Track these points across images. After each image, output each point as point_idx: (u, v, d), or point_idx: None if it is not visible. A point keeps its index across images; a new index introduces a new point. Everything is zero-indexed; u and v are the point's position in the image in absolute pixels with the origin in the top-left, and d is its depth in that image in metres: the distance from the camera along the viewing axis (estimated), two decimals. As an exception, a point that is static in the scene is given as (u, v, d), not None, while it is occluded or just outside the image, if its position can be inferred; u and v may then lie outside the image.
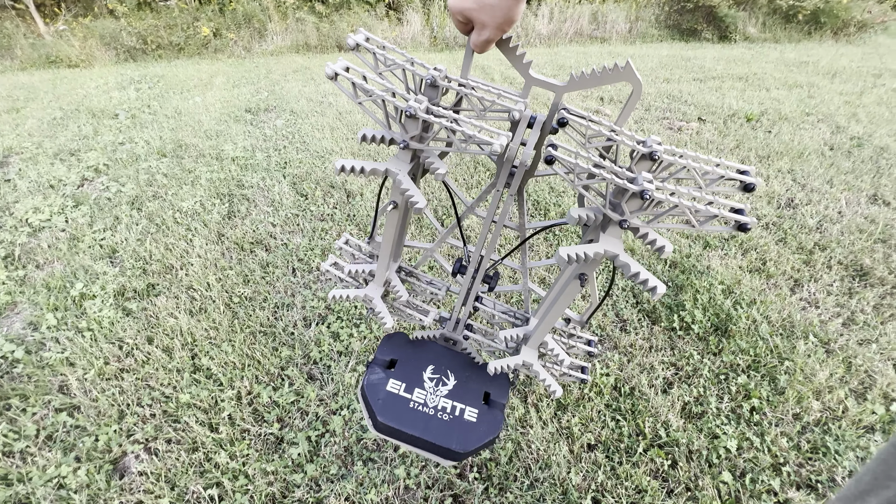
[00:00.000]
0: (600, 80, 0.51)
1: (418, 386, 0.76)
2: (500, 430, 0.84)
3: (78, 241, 1.98)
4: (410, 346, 0.83)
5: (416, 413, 0.72)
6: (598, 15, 7.17)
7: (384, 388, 0.74)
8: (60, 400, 1.29)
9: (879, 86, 4.27)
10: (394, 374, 0.77)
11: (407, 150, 0.59)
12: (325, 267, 0.81)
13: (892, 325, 1.54)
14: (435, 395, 0.75)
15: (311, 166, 2.62)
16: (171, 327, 1.51)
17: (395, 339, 0.84)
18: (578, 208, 0.55)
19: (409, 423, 0.71)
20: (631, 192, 0.49)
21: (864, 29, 7.09)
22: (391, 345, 0.82)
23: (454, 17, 0.51)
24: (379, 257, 0.74)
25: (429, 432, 0.70)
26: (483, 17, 0.48)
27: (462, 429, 0.71)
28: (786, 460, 1.15)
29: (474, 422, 0.73)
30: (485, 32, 0.50)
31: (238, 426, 1.22)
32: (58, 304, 1.62)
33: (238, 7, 6.48)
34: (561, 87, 0.54)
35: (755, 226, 0.48)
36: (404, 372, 0.77)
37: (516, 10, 0.48)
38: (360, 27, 0.50)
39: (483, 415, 0.74)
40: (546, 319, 0.70)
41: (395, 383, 0.75)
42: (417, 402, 0.74)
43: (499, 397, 0.78)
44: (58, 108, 3.68)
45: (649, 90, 4.06)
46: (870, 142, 2.94)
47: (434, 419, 0.72)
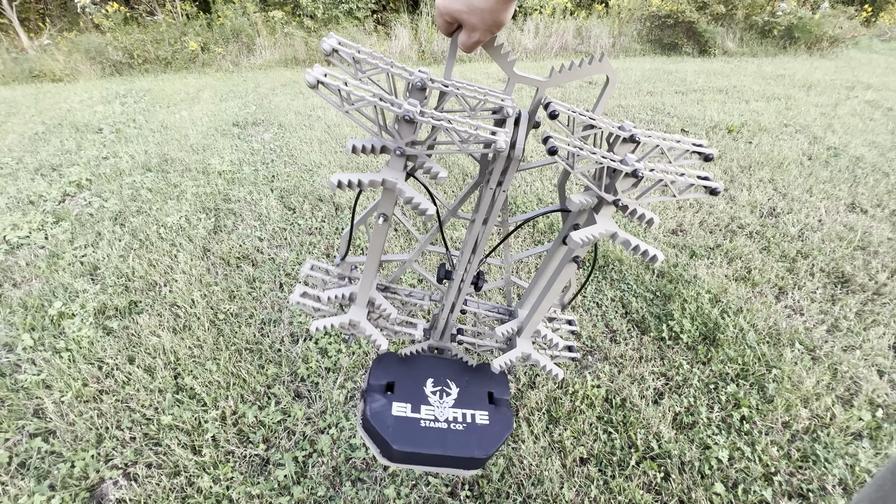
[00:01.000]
0: (579, 73, 0.54)
1: (423, 402, 0.72)
2: (513, 426, 0.84)
3: (58, 258, 1.93)
4: (403, 364, 0.79)
5: (429, 431, 0.69)
6: (583, 30, 7.35)
7: (390, 414, 0.69)
8: (35, 424, 1.24)
9: (852, 98, 4.43)
10: (395, 397, 0.72)
11: (400, 158, 0.56)
12: (294, 299, 0.72)
13: (874, 331, 1.57)
14: (442, 407, 0.72)
15: (300, 180, 2.61)
16: (154, 346, 1.47)
17: (385, 361, 0.79)
18: (579, 194, 0.58)
19: (427, 443, 0.67)
20: (624, 173, 0.54)
21: (836, 44, 7.38)
22: (382, 367, 0.77)
23: (441, 17, 0.51)
24: (363, 275, 0.70)
25: (448, 447, 0.67)
26: (473, 20, 0.49)
27: (479, 434, 0.70)
28: (777, 469, 1.15)
29: (488, 424, 0.72)
30: (475, 35, 0.51)
31: (222, 448, 1.18)
32: (35, 323, 1.57)
33: (226, 22, 6.50)
34: (543, 81, 0.56)
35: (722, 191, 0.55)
36: (405, 391, 0.73)
37: (505, 13, 0.49)
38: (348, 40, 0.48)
39: (493, 415, 0.74)
40: (541, 307, 0.71)
41: (400, 406, 0.71)
42: (428, 420, 0.70)
43: (502, 394, 0.78)
44: (40, 122, 3.62)
45: (633, 103, 4.15)
46: (846, 152, 3.03)
47: (449, 432, 0.69)
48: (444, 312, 0.78)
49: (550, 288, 0.69)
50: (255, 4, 6.88)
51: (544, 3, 7.69)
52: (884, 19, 10.13)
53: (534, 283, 0.78)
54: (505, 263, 0.80)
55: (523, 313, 0.80)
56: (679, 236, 2.10)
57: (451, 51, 0.54)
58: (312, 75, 0.45)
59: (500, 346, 0.82)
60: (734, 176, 2.68)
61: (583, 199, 0.57)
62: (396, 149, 0.54)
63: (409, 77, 0.52)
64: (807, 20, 7.20)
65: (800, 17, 7.21)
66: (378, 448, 0.69)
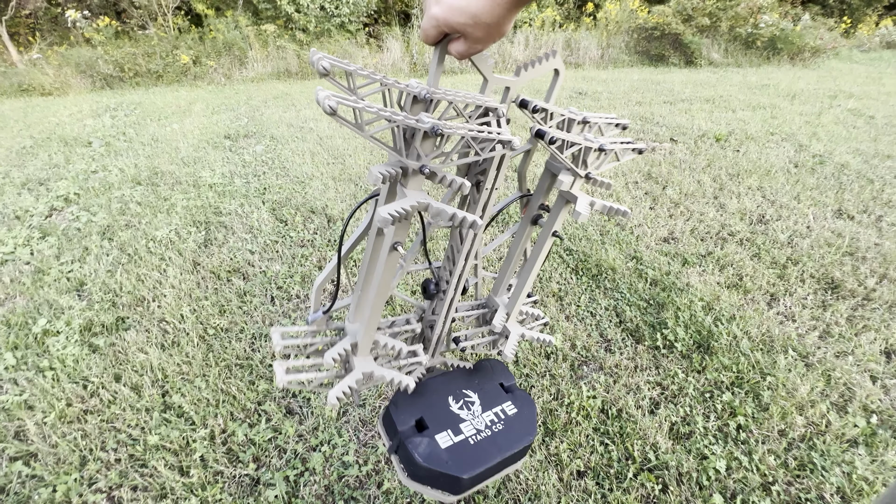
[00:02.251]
0: (540, 69, 0.60)
1: (458, 422, 0.71)
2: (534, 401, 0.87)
3: (43, 274, 1.89)
4: (416, 398, 0.75)
5: (481, 444, 0.69)
6: (572, 42, 7.48)
7: (441, 448, 0.67)
8: (16, 447, 1.20)
9: (835, 106, 4.53)
10: (432, 430, 0.69)
11: (419, 175, 0.53)
12: (282, 381, 0.62)
13: (865, 336, 1.58)
14: (476, 416, 0.73)
15: (291, 192, 2.60)
16: (141, 363, 1.44)
17: (398, 402, 0.73)
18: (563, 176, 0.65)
19: (487, 456, 0.67)
20: (593, 150, 0.63)
21: (818, 54, 7.58)
22: (400, 410, 0.72)
23: (437, 28, 0.49)
24: (368, 318, 0.62)
25: (504, 448, 0.69)
26: (478, 32, 0.49)
27: (517, 423, 0.73)
28: (774, 479, 1.15)
29: (517, 410, 0.75)
30: (477, 46, 0.51)
31: (211, 468, 1.15)
32: (18, 342, 1.53)
33: (218, 35, 6.53)
34: (515, 80, 0.60)
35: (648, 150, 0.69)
36: (437, 421, 0.71)
37: (508, 25, 0.49)
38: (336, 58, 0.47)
39: (515, 401, 0.77)
40: (525, 287, 0.75)
41: (443, 436, 0.69)
42: (472, 434, 0.70)
43: (508, 380, 0.80)
44: (28, 136, 3.59)
45: (623, 113, 4.21)
46: (831, 159, 3.09)
47: (496, 435, 0.71)
48: (437, 328, 0.77)
49: (534, 267, 0.73)
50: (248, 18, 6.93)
51: (534, 16, 7.83)
52: (862, 30, 10.45)
53: (506, 269, 0.80)
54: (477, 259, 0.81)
55: (503, 300, 0.82)
56: (671, 244, 2.11)
57: (438, 59, 0.53)
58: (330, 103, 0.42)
59: (494, 338, 0.83)
60: (723, 184, 2.71)
61: (566, 178, 0.64)
62: (421, 167, 0.52)
63: (414, 90, 0.50)
64: (788, 32, 7.40)
65: (782, 29, 7.40)
66: (442, 489, 0.66)
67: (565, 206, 0.69)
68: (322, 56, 0.44)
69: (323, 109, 0.42)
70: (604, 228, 2.23)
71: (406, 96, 0.51)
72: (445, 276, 0.73)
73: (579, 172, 0.64)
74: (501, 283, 0.81)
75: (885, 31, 10.27)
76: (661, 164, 2.98)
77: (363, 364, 0.66)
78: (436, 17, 0.48)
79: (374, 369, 0.66)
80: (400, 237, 0.56)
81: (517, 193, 0.79)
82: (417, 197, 0.52)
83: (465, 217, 0.53)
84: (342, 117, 0.45)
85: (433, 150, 0.52)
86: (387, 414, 0.73)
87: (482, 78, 0.57)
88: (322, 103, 0.42)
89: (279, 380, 0.62)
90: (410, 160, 0.52)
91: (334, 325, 0.71)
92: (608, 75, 6.33)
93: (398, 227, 0.55)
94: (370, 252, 0.64)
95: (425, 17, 0.49)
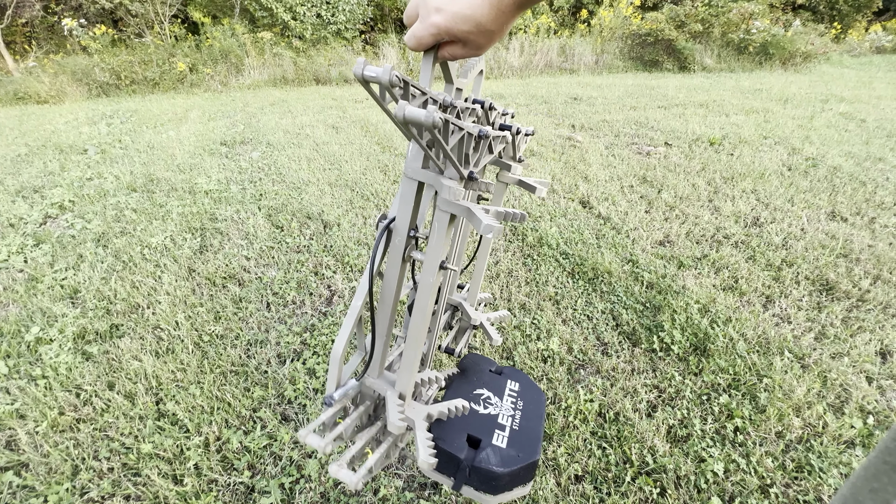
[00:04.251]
0: (475, 70, 0.64)
1: (496, 418, 0.75)
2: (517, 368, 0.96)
3: (37, 281, 1.88)
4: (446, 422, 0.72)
5: (523, 425, 0.74)
6: (566, 48, 7.55)
7: (505, 449, 0.69)
8: (7, 457, 1.18)
9: (827, 110, 4.58)
10: (487, 439, 0.69)
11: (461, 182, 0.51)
12: (361, 484, 0.53)
13: (861, 337, 1.58)
14: (501, 406, 0.77)
15: (288, 198, 2.60)
16: (135, 371, 1.43)
17: (442, 436, 0.68)
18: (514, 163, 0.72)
19: (535, 431, 0.73)
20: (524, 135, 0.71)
21: (809, 59, 7.68)
22: (448, 441, 0.67)
23: (436, 36, 0.49)
24: (411, 360, 0.57)
25: (537, 417, 0.76)
26: (481, 39, 0.49)
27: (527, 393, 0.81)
28: (773, 481, 1.14)
29: (519, 383, 0.82)
30: (476, 52, 0.51)
31: (205, 476, 1.14)
32: (10, 350, 1.52)
33: (215, 43, 6.55)
34: (465, 81, 0.62)
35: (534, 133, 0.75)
36: (483, 428, 0.72)
37: (508, 29, 0.50)
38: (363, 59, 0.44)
39: (510, 377, 0.83)
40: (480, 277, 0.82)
41: (497, 437, 0.70)
42: (511, 421, 0.74)
43: (492, 365, 0.86)
44: (23, 144, 3.58)
45: (618, 117, 4.24)
46: (823, 162, 3.12)
47: (525, 411, 0.76)
48: (431, 343, 0.76)
49: (486, 255, 0.81)
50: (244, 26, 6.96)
51: (528, 22, 7.90)
52: (853, 36, 10.59)
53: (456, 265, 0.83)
54: None
55: (462, 295, 0.87)
56: (666, 247, 2.12)
57: (430, 64, 0.52)
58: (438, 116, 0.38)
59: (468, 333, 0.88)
60: (718, 187, 2.73)
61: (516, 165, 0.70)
62: (470, 173, 0.51)
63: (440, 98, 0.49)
64: (780, 37, 7.50)
65: (773, 35, 7.50)
66: (524, 482, 0.69)
67: (505, 192, 0.75)
68: (391, 67, 0.41)
69: (430, 124, 0.38)
70: (599, 232, 2.24)
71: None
72: None
73: (519, 158, 0.73)
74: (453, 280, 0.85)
75: (874, 36, 10.42)
76: (656, 168, 3.00)
77: (417, 411, 0.61)
78: (437, 24, 0.48)
79: (429, 410, 0.62)
80: (444, 254, 0.53)
81: None
82: (475, 206, 0.49)
83: (514, 213, 0.54)
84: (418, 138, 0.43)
85: (475, 155, 0.52)
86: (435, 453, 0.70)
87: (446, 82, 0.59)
88: (429, 119, 0.38)
89: (354, 483, 0.53)
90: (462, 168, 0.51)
91: (351, 394, 0.63)
92: (603, 81, 6.38)
93: (446, 244, 0.52)
94: (394, 288, 0.57)
95: (421, 25, 0.48)
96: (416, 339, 0.56)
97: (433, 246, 0.52)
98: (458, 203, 0.49)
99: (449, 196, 0.48)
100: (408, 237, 0.54)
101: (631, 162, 3.14)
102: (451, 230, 0.52)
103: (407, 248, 0.55)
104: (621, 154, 3.30)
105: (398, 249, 0.55)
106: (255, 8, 6.92)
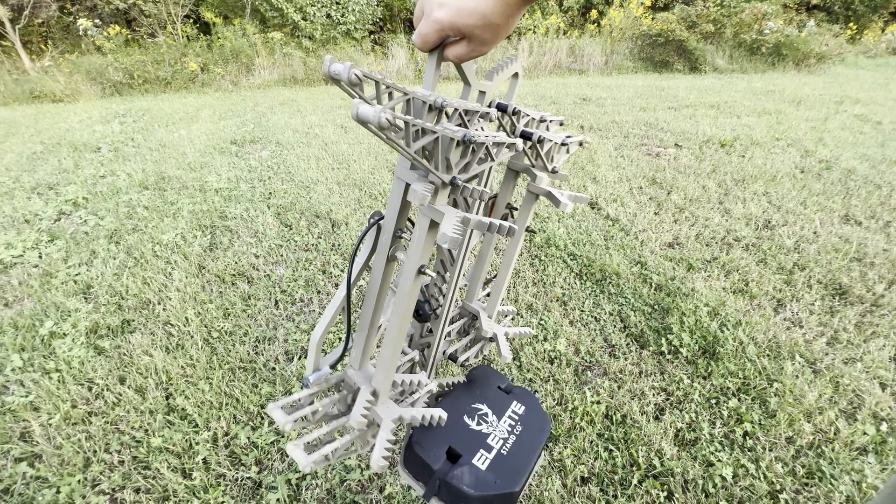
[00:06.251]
0: (507, 72, 0.62)
1: (485, 437, 0.70)
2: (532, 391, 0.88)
3: (51, 276, 1.91)
4: (433, 430, 0.70)
5: (513, 451, 0.69)
6: (576, 49, 7.51)
7: (483, 471, 0.64)
8: (21, 448, 1.20)
9: (842, 112, 4.51)
10: (467, 457, 0.66)
11: (446, 188, 0.50)
12: (306, 465, 0.53)
13: (874, 342, 1.56)
14: (496, 427, 0.72)
15: (296, 196, 2.62)
16: (146, 365, 1.45)
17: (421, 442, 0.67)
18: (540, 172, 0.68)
19: (525, 461, 0.68)
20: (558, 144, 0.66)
21: (823, 60, 7.56)
22: (427, 448, 0.66)
23: (440, 32, 0.47)
24: (389, 359, 0.57)
25: (533, 447, 0.70)
26: (486, 35, 0.47)
27: (530, 418, 0.75)
28: (782, 487, 1.13)
29: (525, 406, 0.76)
30: (483, 48, 0.49)
31: (213, 471, 1.15)
32: (25, 344, 1.55)
33: (226, 43, 6.62)
34: (490, 84, 0.60)
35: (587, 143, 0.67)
36: (467, 445, 0.68)
37: (514, 24, 0.49)
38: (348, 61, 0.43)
39: (518, 398, 0.78)
40: (503, 287, 0.77)
41: (479, 458, 0.66)
42: (501, 445, 0.69)
43: (503, 381, 0.81)
44: (38, 142, 3.64)
45: (627, 118, 4.21)
46: (837, 164, 3.07)
47: (520, 437, 0.71)
48: (433, 348, 0.74)
49: (510, 266, 0.76)
50: (255, 26, 7.03)
51: (538, 23, 7.88)
52: (868, 36, 10.41)
53: (479, 273, 0.80)
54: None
55: (481, 304, 0.83)
56: (675, 249, 2.10)
57: (435, 65, 0.50)
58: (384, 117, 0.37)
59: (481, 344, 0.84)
60: (728, 189, 2.70)
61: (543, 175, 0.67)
62: (452, 179, 0.49)
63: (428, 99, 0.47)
64: (793, 38, 7.39)
65: (787, 35, 7.40)
66: None
67: (535, 202, 0.71)
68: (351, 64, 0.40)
69: (377, 125, 0.37)
70: (608, 234, 2.23)
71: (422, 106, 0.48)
72: (436, 293, 0.70)
73: (549, 168, 0.68)
74: (475, 288, 0.81)
75: (891, 36, 10.23)
76: (665, 170, 2.97)
77: (388, 411, 0.60)
78: (440, 20, 0.46)
79: (402, 413, 0.61)
80: (425, 259, 0.52)
81: None
82: (454, 211, 0.48)
83: (502, 225, 0.50)
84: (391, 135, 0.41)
85: (460, 160, 0.50)
86: (411, 457, 0.66)
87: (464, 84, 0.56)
88: (376, 118, 0.37)
89: (304, 465, 0.53)
90: (441, 173, 0.49)
91: (334, 380, 0.64)
92: (612, 82, 6.34)
93: (425, 248, 0.51)
94: (378, 284, 0.58)
95: (426, 22, 0.47)
96: (393, 339, 0.56)
97: (412, 249, 0.51)
98: (435, 208, 0.48)
99: (414, 199, 0.47)
100: (393, 236, 0.55)
101: (640, 163, 3.12)
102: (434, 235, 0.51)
103: (392, 247, 0.56)
104: (630, 155, 3.28)
105: (384, 248, 0.56)
106: (266, 8, 6.98)
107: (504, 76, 0.62)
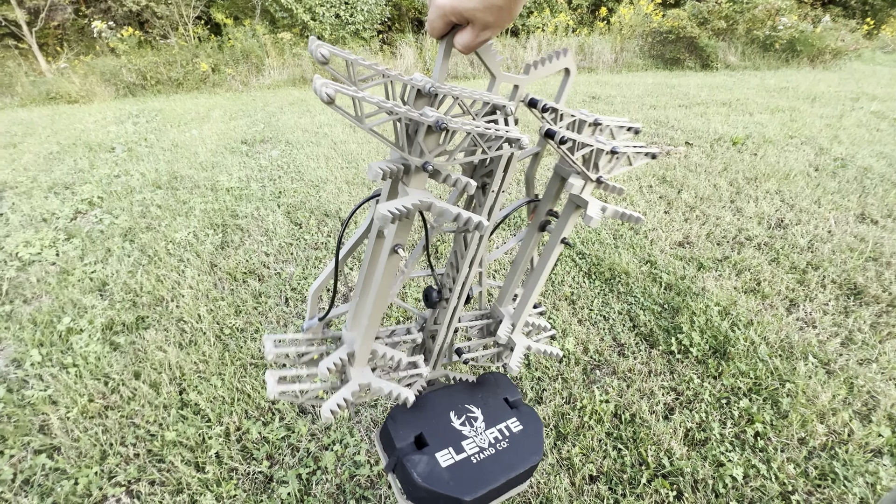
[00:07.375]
0: (550, 67, 0.58)
1: (461, 439, 0.67)
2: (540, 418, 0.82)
3: (68, 274, 1.96)
4: (415, 413, 0.70)
5: (485, 463, 0.65)
6: (585, 46, 7.46)
7: (441, 468, 0.62)
8: (40, 441, 1.24)
9: (858, 109, 4.42)
10: (433, 448, 0.65)
11: (422, 173, 0.50)
12: (274, 392, 0.58)
13: (890, 343, 1.53)
14: (479, 434, 0.69)
15: (306, 195, 2.64)
16: (160, 361, 1.48)
17: (397, 417, 0.69)
18: (573, 179, 0.63)
19: (491, 476, 0.63)
20: (605, 153, 0.61)
21: (839, 56, 7.41)
22: (399, 425, 0.67)
23: (444, 18, 0.47)
24: (366, 327, 0.59)
25: (509, 468, 0.65)
26: (489, 17, 0.46)
27: (523, 441, 0.69)
28: (794, 488, 1.12)
29: (523, 428, 0.71)
30: (486, 33, 0.48)
31: (225, 465, 1.17)
32: (43, 339, 1.59)
33: (236, 44, 6.69)
34: (524, 78, 0.57)
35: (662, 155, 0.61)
36: (438, 437, 0.66)
37: (519, 7, 0.47)
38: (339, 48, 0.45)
39: (521, 417, 0.72)
40: (532, 296, 0.72)
41: (444, 454, 0.64)
42: (475, 452, 0.66)
43: (513, 395, 0.76)
44: (55, 142, 3.72)
45: (637, 116, 4.18)
46: (853, 162, 3.01)
47: (501, 453, 0.67)
48: (439, 338, 0.73)
49: (541, 276, 0.70)
50: (265, 27, 7.09)
51: (547, 20, 7.83)
52: (886, 31, 10.18)
53: (512, 278, 0.77)
54: (482, 266, 0.76)
55: (508, 310, 0.78)
56: (686, 248, 2.08)
57: (445, 53, 0.50)
58: (325, 91, 0.39)
59: (498, 350, 0.80)
60: (740, 187, 2.67)
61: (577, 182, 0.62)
62: (424, 164, 0.49)
63: (417, 84, 0.47)
64: (808, 34, 7.26)
65: (801, 31, 7.26)
66: None
67: (575, 212, 0.65)
68: (320, 44, 0.41)
69: (320, 98, 0.40)
70: (617, 232, 2.21)
71: (410, 90, 0.48)
72: (448, 283, 0.69)
73: (590, 176, 0.62)
74: (507, 293, 0.78)
75: (909, 31, 10.00)
76: (675, 168, 2.94)
77: (360, 375, 0.62)
78: (442, 6, 0.46)
79: (372, 381, 0.62)
80: (401, 239, 0.53)
81: (525, 198, 0.75)
82: (419, 195, 0.49)
83: (471, 218, 0.50)
84: (340, 107, 0.42)
85: (437, 146, 0.49)
86: (384, 429, 0.67)
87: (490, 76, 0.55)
88: (319, 91, 0.40)
89: (271, 390, 0.58)
90: (413, 157, 0.49)
91: (331, 334, 0.67)
92: (622, 79, 6.29)
93: (399, 228, 0.52)
94: (370, 255, 0.61)
95: (431, 9, 0.47)
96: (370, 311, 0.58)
97: (388, 228, 0.51)
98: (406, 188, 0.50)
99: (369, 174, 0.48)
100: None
101: (650, 162, 3.09)
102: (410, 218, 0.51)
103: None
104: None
105: (377, 224, 0.58)
106: (276, 9, 7.04)
107: (546, 71, 0.58)
